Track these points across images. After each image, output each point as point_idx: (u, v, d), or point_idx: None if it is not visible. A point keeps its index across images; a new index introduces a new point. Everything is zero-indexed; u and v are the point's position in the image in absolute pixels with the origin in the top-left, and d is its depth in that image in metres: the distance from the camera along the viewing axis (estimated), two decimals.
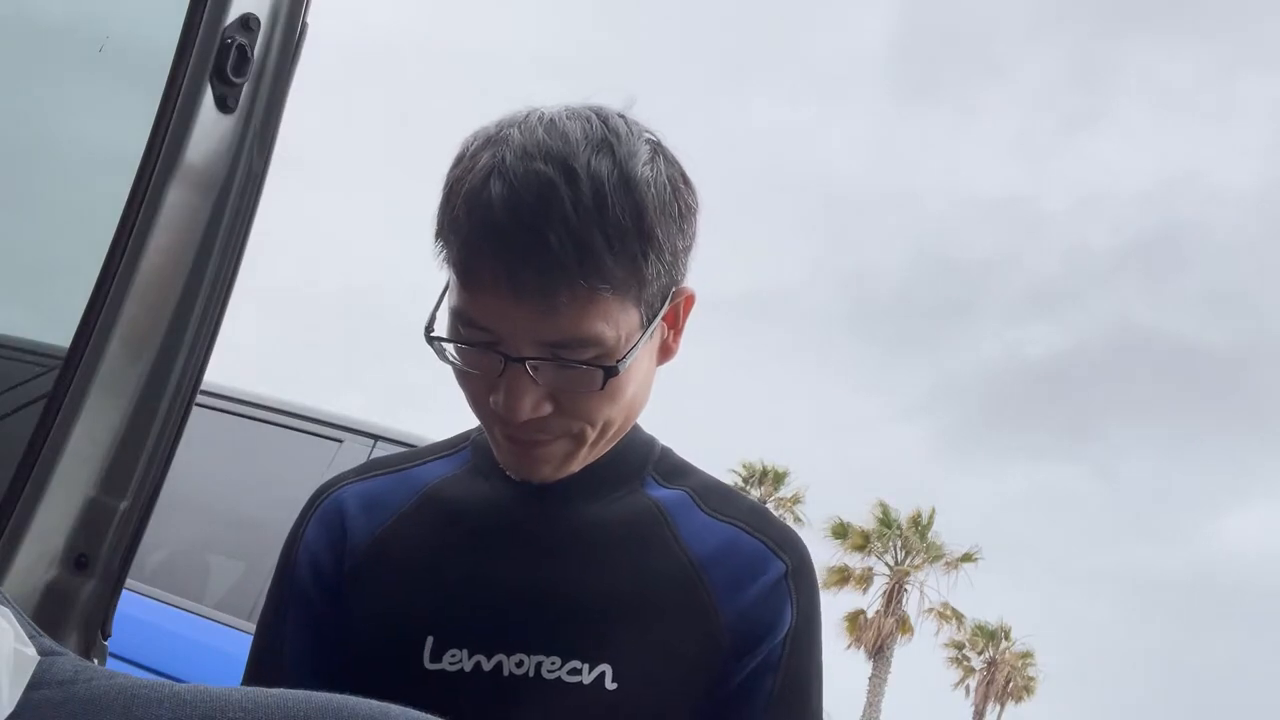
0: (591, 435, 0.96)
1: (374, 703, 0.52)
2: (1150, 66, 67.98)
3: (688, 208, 0.93)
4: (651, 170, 0.88)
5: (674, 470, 1.06)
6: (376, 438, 3.34)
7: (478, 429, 1.08)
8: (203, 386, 1.21)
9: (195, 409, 1.20)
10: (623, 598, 0.97)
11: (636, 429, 1.06)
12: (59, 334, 1.14)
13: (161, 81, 1.15)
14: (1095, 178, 64.21)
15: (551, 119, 0.89)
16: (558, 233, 0.83)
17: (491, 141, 0.89)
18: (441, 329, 0.94)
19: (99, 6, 1.36)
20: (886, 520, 30.88)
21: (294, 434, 3.42)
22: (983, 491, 58.19)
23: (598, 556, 0.99)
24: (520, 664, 0.95)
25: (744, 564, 0.99)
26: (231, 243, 1.19)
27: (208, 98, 1.16)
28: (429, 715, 0.52)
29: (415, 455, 1.11)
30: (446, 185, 0.91)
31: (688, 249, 0.94)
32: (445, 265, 0.92)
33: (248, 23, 1.18)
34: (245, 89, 1.19)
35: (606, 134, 0.88)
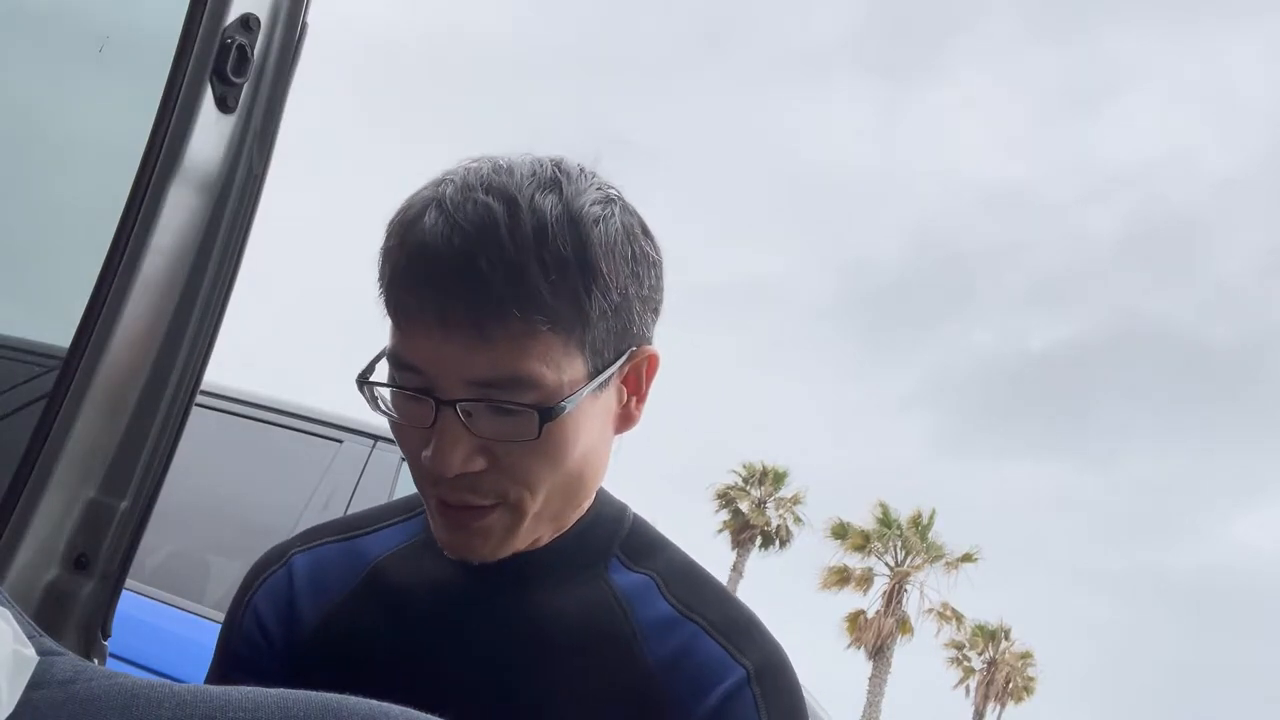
0: (532, 505, 0.88)
1: (373, 703, 0.52)
2: (1156, 53, 68.05)
3: (643, 254, 0.87)
4: (602, 210, 0.84)
5: (642, 549, 0.98)
6: (376, 438, 3.34)
7: None
8: (203, 386, 1.21)
9: (195, 409, 1.20)
10: (573, 706, 0.90)
11: (606, 497, 0.99)
12: (59, 334, 1.14)
13: (161, 81, 1.15)
14: (1098, 165, 64.22)
15: (504, 161, 0.85)
16: (489, 257, 0.79)
17: (436, 181, 0.86)
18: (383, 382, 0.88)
19: (99, 6, 1.36)
20: (886, 520, 30.88)
21: (294, 434, 3.42)
22: (983, 487, 58.24)
23: (551, 656, 0.91)
24: None
25: (700, 672, 0.90)
26: (231, 243, 1.19)
27: (208, 98, 1.16)
28: (429, 716, 0.52)
29: (366, 520, 1.05)
30: (387, 224, 0.86)
31: (646, 301, 0.87)
32: (385, 311, 0.87)
33: (248, 23, 1.18)
34: (245, 89, 1.19)
35: (557, 174, 0.84)
